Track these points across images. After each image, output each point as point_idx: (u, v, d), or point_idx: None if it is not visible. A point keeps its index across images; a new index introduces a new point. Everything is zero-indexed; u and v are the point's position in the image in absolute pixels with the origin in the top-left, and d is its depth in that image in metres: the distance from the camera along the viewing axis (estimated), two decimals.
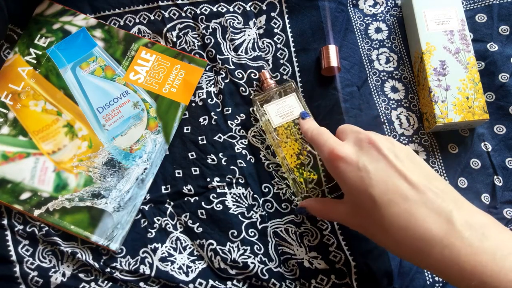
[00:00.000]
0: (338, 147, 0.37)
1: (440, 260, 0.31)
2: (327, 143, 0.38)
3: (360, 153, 0.36)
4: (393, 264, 0.45)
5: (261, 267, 0.46)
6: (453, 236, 0.30)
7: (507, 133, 0.51)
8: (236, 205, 0.48)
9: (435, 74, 0.49)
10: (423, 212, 0.32)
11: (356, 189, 0.35)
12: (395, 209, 0.32)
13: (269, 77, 0.50)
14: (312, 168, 0.46)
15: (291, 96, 0.48)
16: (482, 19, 0.54)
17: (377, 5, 0.56)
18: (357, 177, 0.35)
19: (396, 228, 0.32)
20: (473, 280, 0.29)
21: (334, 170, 0.37)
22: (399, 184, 0.33)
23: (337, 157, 0.36)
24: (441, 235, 0.31)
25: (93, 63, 0.52)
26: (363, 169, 0.34)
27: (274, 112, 0.47)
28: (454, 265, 0.30)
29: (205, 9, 0.54)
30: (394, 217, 0.32)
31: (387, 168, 0.34)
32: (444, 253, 0.30)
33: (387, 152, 0.35)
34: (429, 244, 0.31)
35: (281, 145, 0.47)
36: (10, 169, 0.48)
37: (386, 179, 0.33)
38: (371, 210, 0.34)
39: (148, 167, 0.49)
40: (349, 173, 0.35)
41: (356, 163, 0.35)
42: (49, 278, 0.46)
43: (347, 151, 0.36)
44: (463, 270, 0.30)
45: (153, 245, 0.47)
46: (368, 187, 0.34)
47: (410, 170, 0.34)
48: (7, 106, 0.50)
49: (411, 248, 0.32)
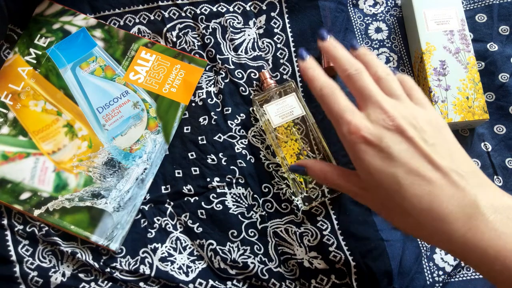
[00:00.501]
0: (360, 125, 0.34)
1: (463, 243, 0.30)
2: (345, 116, 0.34)
3: (383, 134, 0.33)
4: (393, 264, 0.45)
5: (261, 267, 0.46)
6: (477, 219, 0.30)
7: (507, 133, 0.51)
8: (236, 205, 0.48)
9: (435, 74, 0.49)
10: (446, 195, 0.31)
11: (377, 170, 0.33)
12: (418, 191, 0.31)
13: (269, 77, 0.50)
14: None
15: (291, 96, 0.48)
16: (482, 19, 0.54)
17: (377, 5, 0.56)
18: (379, 158, 0.33)
19: (418, 210, 0.31)
20: (496, 264, 0.29)
21: (353, 150, 0.34)
22: (423, 166, 0.32)
23: (360, 137, 0.33)
24: (465, 218, 0.30)
25: (93, 63, 0.52)
26: (386, 150, 0.32)
27: (274, 112, 0.47)
28: (476, 249, 0.29)
29: (205, 9, 0.54)
30: (417, 198, 0.31)
31: (411, 149, 0.32)
32: (467, 236, 0.30)
33: (412, 133, 0.33)
34: (451, 226, 0.30)
35: (281, 145, 0.47)
36: (10, 169, 0.48)
37: (410, 161, 0.32)
38: (391, 191, 0.32)
39: (148, 167, 0.49)
40: (371, 152, 0.33)
41: (379, 144, 0.33)
42: (49, 278, 0.46)
43: (370, 131, 0.33)
44: (486, 254, 0.29)
45: (153, 245, 0.47)
46: (391, 168, 0.32)
47: (436, 151, 0.32)
48: (7, 106, 0.50)
49: (433, 230, 0.31)
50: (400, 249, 0.46)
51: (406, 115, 0.34)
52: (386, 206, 0.34)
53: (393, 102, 0.35)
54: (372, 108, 0.34)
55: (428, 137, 0.33)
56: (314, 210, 0.48)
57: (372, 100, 0.35)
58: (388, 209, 0.34)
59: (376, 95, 0.35)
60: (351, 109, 0.35)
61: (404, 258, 0.46)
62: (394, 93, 0.36)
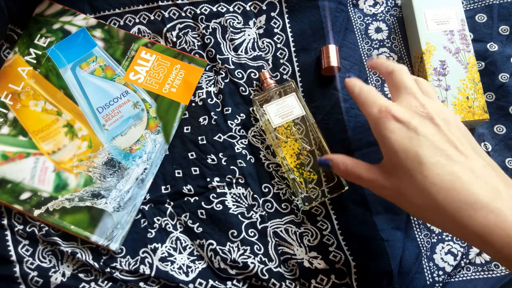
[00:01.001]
0: (391, 106, 0.36)
1: (484, 224, 0.30)
2: (378, 101, 0.37)
3: (413, 117, 0.35)
4: (393, 264, 0.45)
5: (261, 267, 0.46)
6: (500, 203, 0.30)
7: (507, 133, 0.51)
8: (236, 205, 0.48)
9: (435, 74, 0.49)
10: (470, 177, 0.32)
11: (402, 147, 0.34)
12: (441, 170, 0.32)
13: (269, 77, 0.50)
14: (312, 168, 0.46)
15: (291, 96, 0.48)
16: (482, 19, 0.54)
17: (377, 5, 0.56)
18: (406, 136, 0.34)
19: (438, 189, 0.32)
20: None
21: (381, 126, 0.36)
22: (448, 149, 0.33)
23: (389, 114, 0.35)
24: (488, 201, 0.30)
25: (93, 63, 0.52)
26: (414, 130, 0.34)
27: (274, 112, 0.47)
28: (499, 231, 0.29)
29: (205, 9, 0.54)
30: (439, 177, 0.32)
31: (438, 134, 0.34)
32: (489, 217, 0.30)
33: (440, 122, 0.35)
34: (473, 207, 0.30)
35: (281, 145, 0.47)
36: (10, 169, 0.48)
37: (436, 143, 0.33)
38: (414, 170, 0.33)
39: (148, 167, 0.49)
40: (398, 130, 0.35)
41: (408, 124, 0.35)
42: (49, 278, 0.46)
43: (400, 112, 0.35)
44: (509, 236, 0.29)
45: (153, 245, 0.47)
46: (416, 146, 0.33)
47: (461, 142, 0.34)
48: (7, 106, 0.50)
49: (452, 210, 0.31)
50: (400, 249, 0.46)
51: (437, 110, 0.36)
52: (402, 193, 0.35)
53: (426, 97, 0.38)
54: (406, 97, 0.37)
55: (454, 131, 0.35)
56: (314, 210, 0.48)
57: (408, 91, 0.38)
58: (407, 194, 0.34)
59: (414, 88, 0.38)
60: (385, 99, 0.38)
61: (404, 258, 0.46)
62: (429, 93, 0.39)
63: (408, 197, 0.35)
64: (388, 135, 0.35)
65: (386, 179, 0.36)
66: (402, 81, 0.39)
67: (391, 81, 0.40)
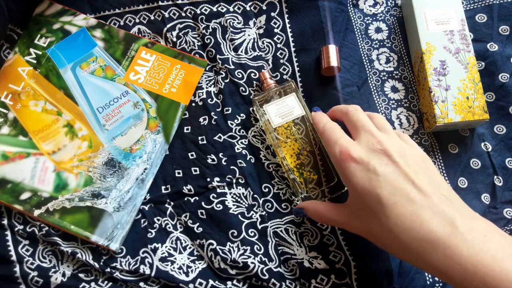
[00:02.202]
0: (350, 147, 0.38)
1: (443, 261, 0.31)
2: (339, 141, 0.39)
3: (371, 156, 0.37)
4: (393, 264, 0.45)
5: (261, 267, 0.46)
6: (456, 238, 0.31)
7: (507, 133, 0.51)
8: (236, 205, 0.48)
9: (435, 74, 0.49)
10: (428, 214, 0.33)
11: (364, 189, 0.35)
12: (401, 211, 0.33)
13: (268, 77, 0.50)
14: (312, 168, 0.46)
15: (291, 96, 0.48)
16: (482, 19, 0.54)
17: (377, 5, 0.56)
18: (366, 177, 0.36)
19: (401, 229, 0.33)
20: (475, 280, 0.30)
21: (343, 169, 0.37)
22: (406, 187, 0.34)
23: (349, 157, 0.37)
24: (445, 237, 0.32)
25: (93, 63, 0.52)
26: (373, 171, 0.35)
27: (273, 112, 0.47)
28: (456, 265, 0.31)
29: (205, 9, 0.54)
30: (400, 218, 0.33)
31: (396, 172, 0.35)
32: (447, 253, 0.31)
33: (398, 159, 0.36)
34: (433, 245, 0.32)
35: (281, 145, 0.47)
36: (10, 169, 0.48)
37: (394, 182, 0.35)
38: (377, 211, 0.35)
39: (148, 167, 0.49)
40: (358, 173, 0.36)
41: (366, 164, 0.36)
42: (49, 278, 0.46)
43: (359, 153, 0.37)
44: (465, 270, 0.30)
45: (153, 245, 0.47)
46: (376, 188, 0.35)
47: (418, 177, 0.35)
48: (7, 106, 0.50)
49: (415, 249, 0.33)
50: None
51: (393, 144, 0.38)
52: (373, 232, 0.36)
53: (383, 134, 0.39)
54: (364, 135, 0.39)
55: (411, 164, 0.36)
56: None
57: (365, 129, 0.39)
58: (376, 234, 0.36)
59: (369, 126, 0.40)
60: (346, 137, 0.40)
61: None
62: (385, 128, 0.40)
63: (377, 237, 0.36)
64: (350, 177, 0.37)
65: (354, 219, 0.38)
66: (358, 120, 0.41)
67: (348, 122, 0.42)
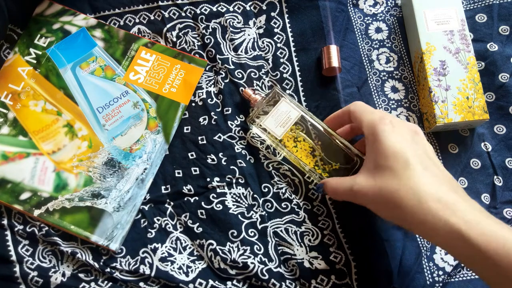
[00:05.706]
0: (390, 115, 0.41)
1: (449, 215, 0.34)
2: (377, 110, 0.42)
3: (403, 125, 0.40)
4: (393, 264, 0.45)
5: (261, 267, 0.46)
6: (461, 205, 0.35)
7: (507, 133, 0.51)
8: (236, 205, 0.48)
9: (435, 74, 0.49)
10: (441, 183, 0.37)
11: (396, 150, 0.38)
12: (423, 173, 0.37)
13: (252, 93, 0.49)
14: (331, 158, 0.46)
15: (282, 102, 0.47)
16: (482, 19, 0.54)
17: (377, 5, 0.56)
18: (400, 139, 0.38)
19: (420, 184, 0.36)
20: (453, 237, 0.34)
21: (381, 131, 0.39)
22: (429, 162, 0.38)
23: (388, 121, 0.40)
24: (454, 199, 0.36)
25: (93, 63, 0.52)
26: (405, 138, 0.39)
27: (273, 125, 0.47)
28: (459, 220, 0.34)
29: (205, 9, 0.54)
30: (422, 178, 0.36)
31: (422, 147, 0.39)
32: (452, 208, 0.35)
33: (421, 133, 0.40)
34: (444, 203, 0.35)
35: (293, 153, 0.46)
36: (10, 169, 0.48)
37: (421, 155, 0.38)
38: (400, 170, 0.37)
39: (148, 167, 0.49)
40: (394, 135, 0.39)
41: (401, 131, 0.39)
42: (49, 278, 0.46)
43: (397, 121, 0.40)
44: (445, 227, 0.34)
45: (153, 245, 0.47)
46: (408, 151, 0.37)
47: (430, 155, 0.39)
48: (7, 106, 0.50)
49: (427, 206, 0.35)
50: (400, 249, 0.46)
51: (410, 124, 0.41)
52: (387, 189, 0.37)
53: None
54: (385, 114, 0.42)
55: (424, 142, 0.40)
56: (315, 209, 0.48)
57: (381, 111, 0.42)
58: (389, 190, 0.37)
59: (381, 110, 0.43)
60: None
61: (404, 258, 0.46)
62: None
63: (388, 195, 0.37)
64: (386, 137, 0.38)
65: (368, 179, 0.39)
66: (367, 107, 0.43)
67: (356, 118, 0.43)
